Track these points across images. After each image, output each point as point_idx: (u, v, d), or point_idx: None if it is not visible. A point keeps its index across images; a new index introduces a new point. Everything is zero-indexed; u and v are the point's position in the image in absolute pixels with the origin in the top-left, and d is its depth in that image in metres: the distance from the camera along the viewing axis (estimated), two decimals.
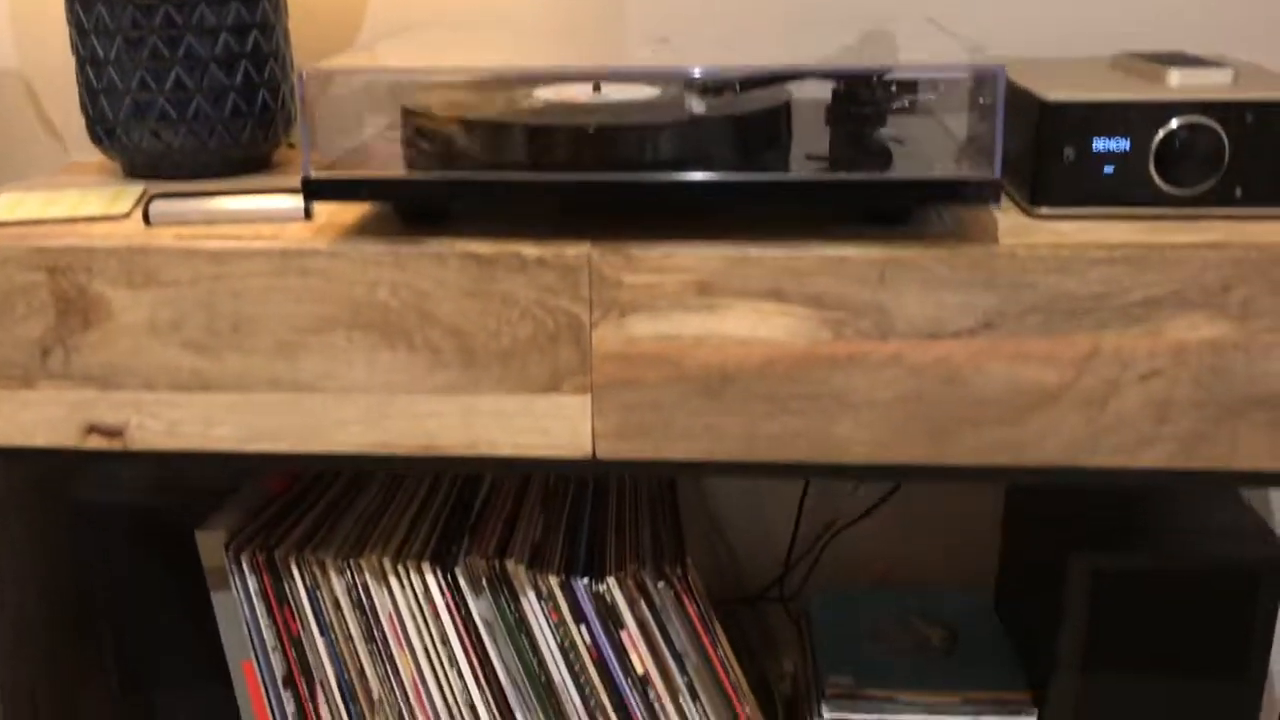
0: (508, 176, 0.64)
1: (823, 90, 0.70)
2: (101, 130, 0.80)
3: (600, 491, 0.92)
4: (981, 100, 0.65)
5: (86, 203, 0.73)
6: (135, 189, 0.77)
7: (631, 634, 0.79)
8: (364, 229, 0.67)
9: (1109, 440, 0.65)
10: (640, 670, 0.79)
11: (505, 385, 0.66)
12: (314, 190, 0.64)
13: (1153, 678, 0.84)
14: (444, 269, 0.64)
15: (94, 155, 0.91)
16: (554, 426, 0.67)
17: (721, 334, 0.64)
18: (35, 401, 0.68)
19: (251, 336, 0.66)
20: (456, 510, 0.87)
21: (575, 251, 0.64)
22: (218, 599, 0.82)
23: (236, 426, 0.68)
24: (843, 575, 1.12)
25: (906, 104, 0.67)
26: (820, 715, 0.88)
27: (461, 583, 0.79)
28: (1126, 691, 0.84)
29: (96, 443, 0.69)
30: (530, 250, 0.64)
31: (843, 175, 0.63)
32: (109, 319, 0.67)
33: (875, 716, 0.88)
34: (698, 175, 0.63)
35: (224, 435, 0.68)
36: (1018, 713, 0.87)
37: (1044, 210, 0.68)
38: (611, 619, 0.79)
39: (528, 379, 0.66)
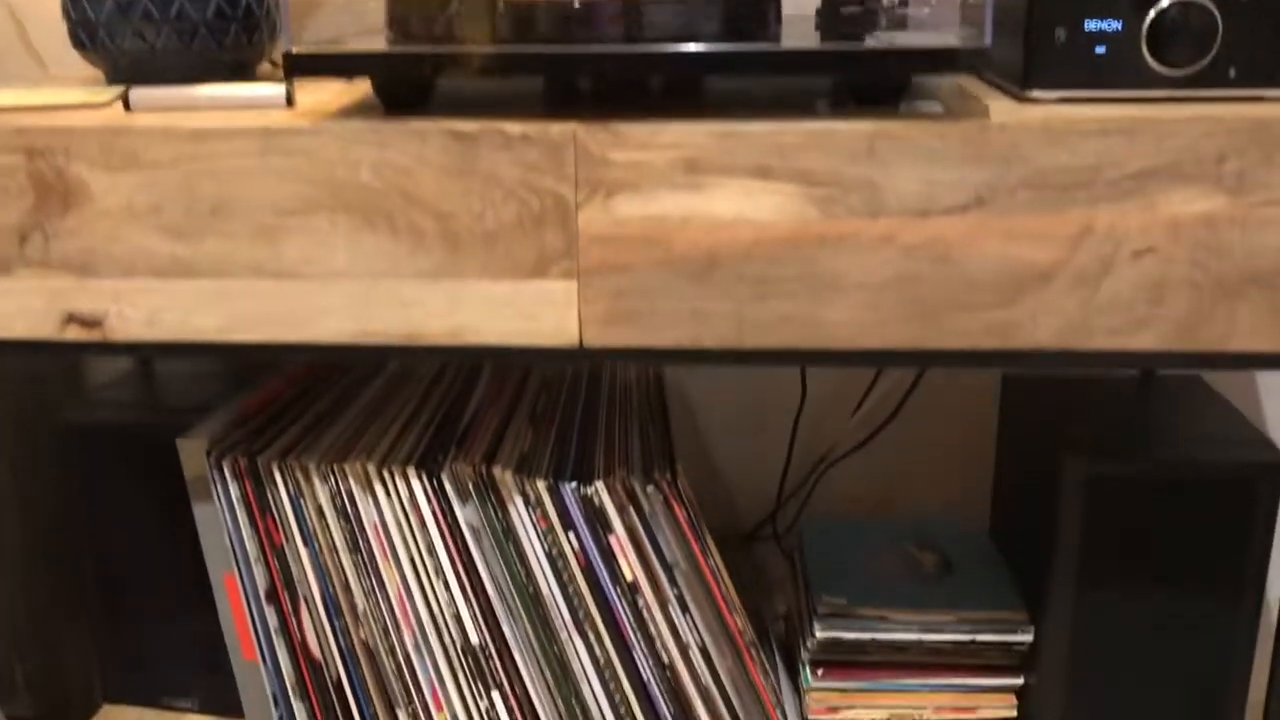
0: (491, 49, 0.63)
1: None
2: (84, 34, 0.79)
3: (589, 403, 0.91)
4: None
5: (67, 95, 0.72)
6: (117, 89, 0.76)
7: (620, 540, 0.78)
8: (346, 115, 0.66)
9: (1103, 322, 0.64)
10: (629, 577, 0.78)
11: (490, 271, 0.65)
12: (295, 65, 0.63)
13: (1150, 589, 0.83)
14: (426, 147, 0.63)
15: (74, 72, 0.90)
16: (540, 313, 0.66)
17: (709, 214, 0.63)
18: (13, 291, 0.67)
19: (232, 220, 0.65)
20: (444, 422, 0.86)
21: (560, 128, 0.63)
22: (199, 511, 0.81)
23: (217, 315, 0.67)
24: (836, 511, 1.12)
25: None
26: (813, 634, 0.87)
27: (448, 489, 0.78)
28: (1124, 605, 0.83)
29: (75, 334, 0.68)
30: (514, 127, 0.63)
31: (832, 45, 0.62)
32: (88, 203, 0.66)
33: (868, 635, 0.87)
34: (685, 47, 0.62)
35: (204, 325, 0.67)
36: (1014, 630, 0.86)
37: (1036, 94, 0.67)
38: (600, 523, 0.78)
39: (513, 264, 0.65)
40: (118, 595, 0.92)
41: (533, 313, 0.66)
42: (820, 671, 0.88)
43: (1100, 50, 0.65)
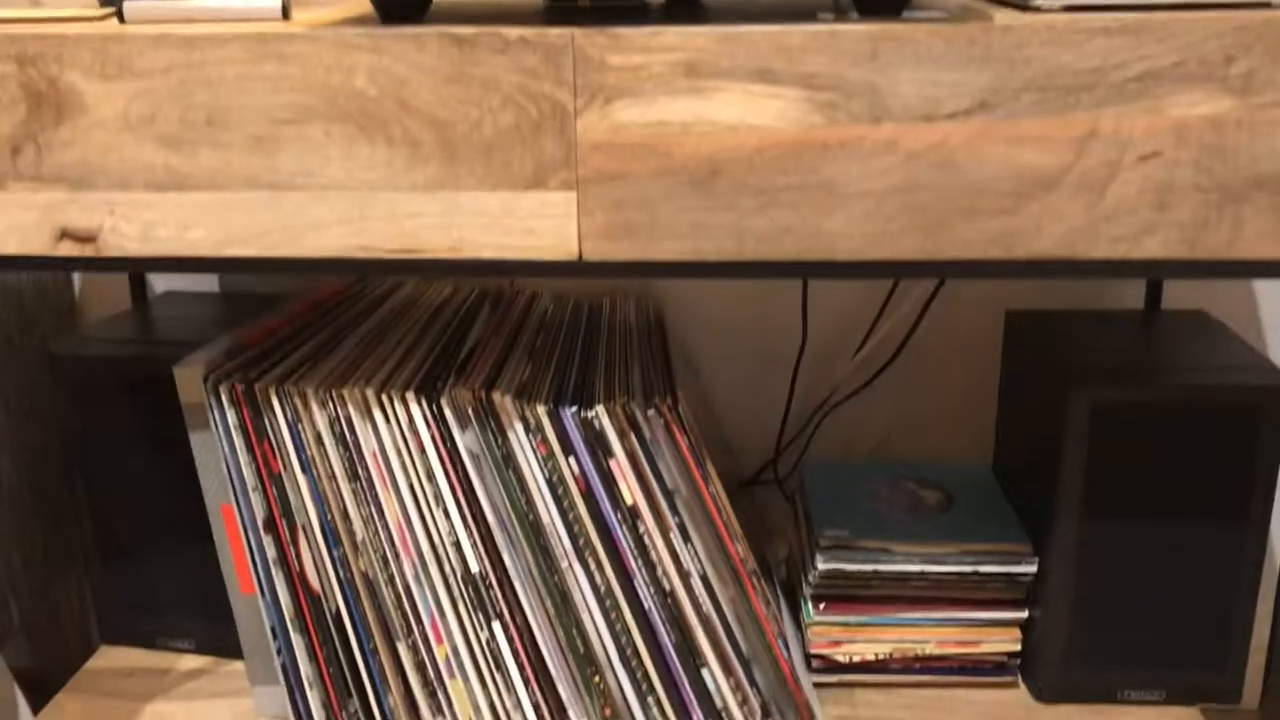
0: None
1: None
2: None
3: (589, 339, 0.90)
4: None
5: (61, 6, 0.71)
6: (111, 8, 0.75)
7: (620, 465, 0.77)
8: (342, 24, 0.66)
9: (1108, 229, 0.63)
10: (629, 502, 0.78)
11: (488, 182, 0.65)
12: None
13: (1155, 518, 0.82)
14: (422, 52, 0.62)
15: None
16: (539, 226, 0.65)
17: (710, 120, 0.62)
18: (6, 204, 0.67)
19: (227, 130, 0.64)
20: (443, 353, 0.85)
21: (559, 32, 0.62)
22: (196, 439, 0.80)
23: (212, 229, 0.66)
24: (837, 456, 1.11)
25: None
26: (815, 567, 0.86)
27: (447, 414, 0.77)
28: (1128, 535, 0.83)
29: (69, 249, 0.67)
30: (512, 31, 0.62)
31: None
32: (81, 114, 0.65)
33: (870, 567, 0.86)
34: None
35: (199, 239, 0.66)
36: (1018, 562, 0.86)
37: (1039, 2, 0.66)
38: (600, 448, 0.77)
39: (511, 174, 0.64)
40: (114, 535, 0.92)
41: (531, 225, 0.65)
42: (822, 606, 0.87)
43: None
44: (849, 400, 1.08)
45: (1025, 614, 0.87)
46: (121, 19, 0.67)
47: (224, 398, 0.78)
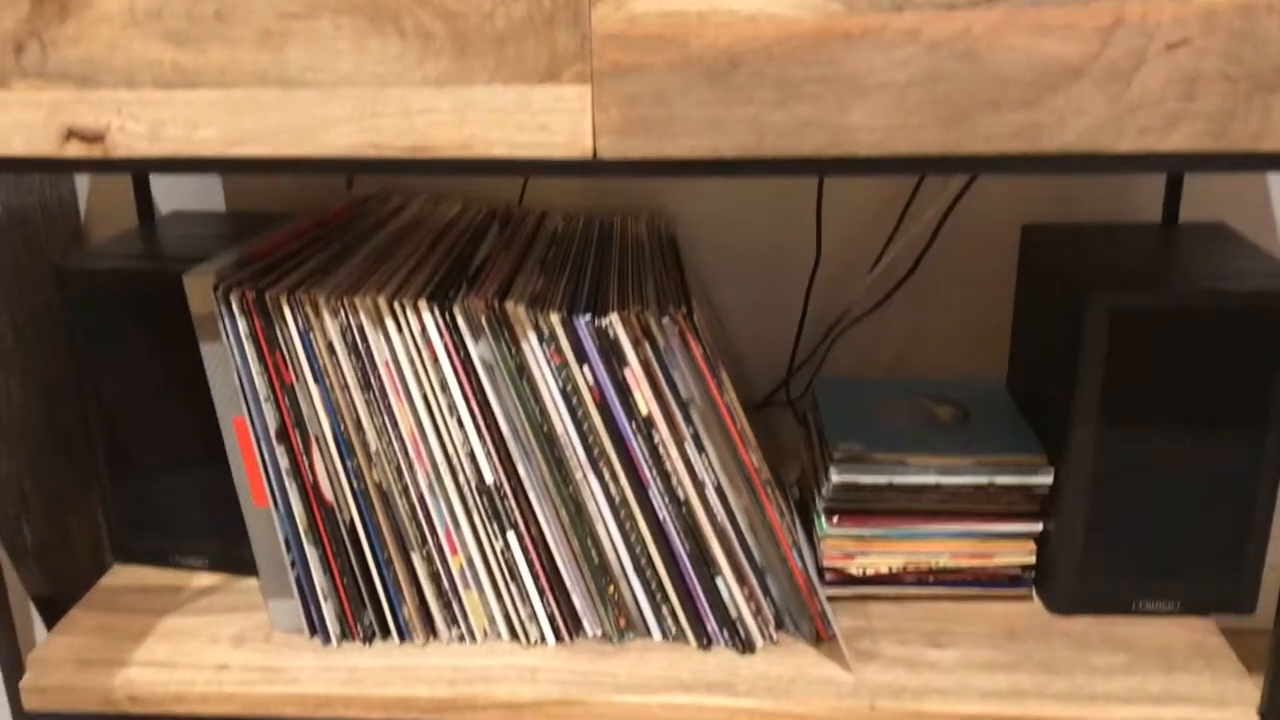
0: None
1: None
2: None
3: (601, 253, 0.90)
4: None
5: None
6: None
7: (635, 373, 0.77)
8: None
9: (1133, 121, 0.62)
10: (644, 411, 0.77)
11: (500, 75, 0.63)
12: None
13: (1171, 429, 0.82)
14: None
15: None
16: (553, 122, 0.64)
17: (728, 9, 0.61)
18: (10, 104, 0.65)
19: (235, 25, 0.63)
20: (454, 266, 0.84)
21: None
22: (207, 350, 0.79)
23: (221, 127, 0.65)
24: (850, 376, 1.10)
25: None
26: (829, 480, 0.86)
27: (460, 323, 0.77)
28: (1144, 444, 0.82)
29: (76, 150, 0.66)
30: None
31: None
32: (87, 8, 0.63)
33: (884, 479, 0.86)
34: None
35: (208, 138, 0.65)
36: (1034, 473, 0.85)
37: None
38: (615, 356, 0.76)
39: (524, 68, 0.63)
40: (125, 453, 0.91)
41: (544, 121, 0.64)
42: (836, 519, 0.87)
43: None
44: (862, 320, 1.08)
45: (1040, 526, 0.87)
46: None
47: (235, 306, 0.77)
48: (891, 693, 0.79)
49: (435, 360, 0.77)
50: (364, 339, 0.77)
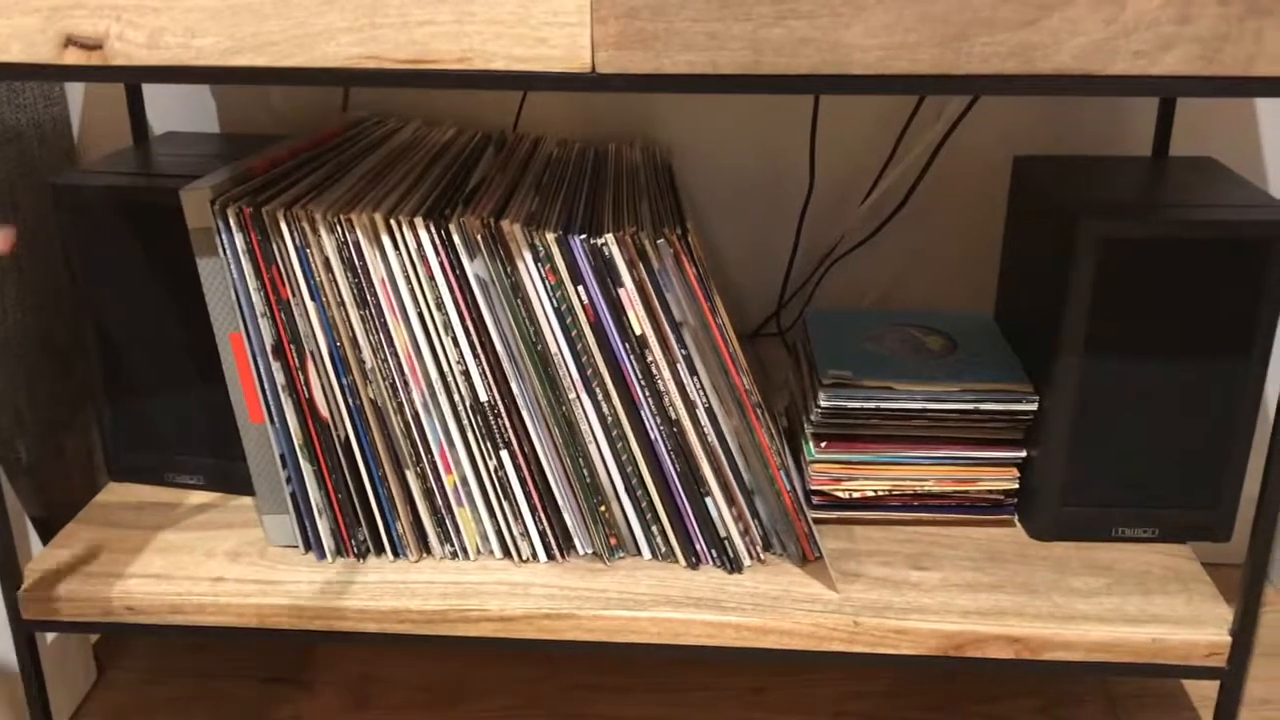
0: None
1: None
2: None
3: (596, 176, 0.90)
4: None
5: None
6: None
7: (629, 293, 0.77)
8: None
9: (1128, 43, 0.62)
10: (638, 332, 0.78)
11: None
12: None
13: (1154, 358, 0.83)
14: None
15: None
16: (552, 35, 0.64)
17: None
18: (8, 9, 0.65)
19: None
20: (450, 186, 0.85)
21: None
22: (203, 265, 0.80)
23: (220, 36, 0.65)
24: (840, 307, 1.11)
25: None
26: (817, 406, 0.87)
27: (456, 241, 0.77)
28: (1128, 373, 0.84)
29: (75, 58, 0.66)
30: None
31: None
32: None
33: (872, 404, 0.87)
34: None
35: (206, 46, 0.65)
36: (1019, 400, 0.87)
37: None
38: (609, 276, 0.77)
39: None
40: (120, 372, 0.92)
41: (543, 34, 0.65)
42: (824, 444, 0.88)
43: None
44: (853, 252, 1.08)
45: (1024, 453, 0.88)
46: None
47: (232, 221, 0.77)
48: (875, 610, 0.80)
49: (431, 278, 0.78)
50: (360, 256, 0.78)
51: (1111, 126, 1.03)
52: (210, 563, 0.86)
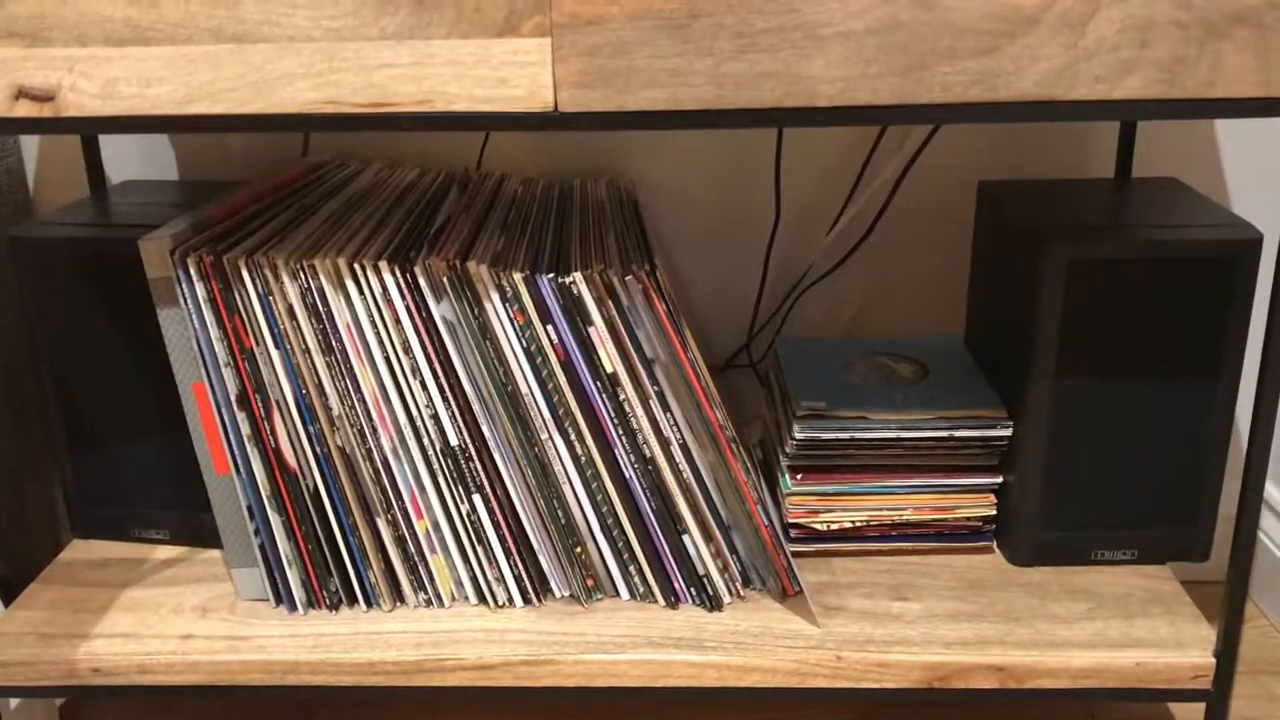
0: None
1: None
2: None
3: (562, 215, 0.89)
4: None
5: None
6: None
7: (599, 332, 0.77)
8: None
9: (1089, 68, 0.63)
10: (609, 370, 0.77)
11: (460, 28, 0.63)
12: None
13: (1126, 380, 0.83)
14: None
15: None
16: (513, 75, 0.64)
17: None
18: None
19: None
20: (414, 228, 0.84)
21: None
22: (164, 315, 0.78)
23: (175, 85, 0.64)
24: (810, 335, 1.11)
25: None
26: (792, 437, 0.86)
27: (421, 283, 0.76)
28: (1100, 396, 0.83)
29: (26, 110, 0.65)
30: None
31: None
32: None
33: (847, 435, 0.86)
34: None
35: (162, 95, 0.65)
36: (993, 426, 0.86)
37: None
38: (578, 315, 0.76)
39: (483, 20, 0.63)
40: (82, 424, 0.90)
41: (504, 75, 0.64)
42: (799, 476, 0.88)
43: None
44: (822, 281, 1.08)
45: (1000, 479, 0.88)
46: None
47: (192, 270, 0.76)
48: (857, 644, 0.80)
49: (397, 321, 0.77)
50: (324, 301, 0.77)
51: (1074, 149, 1.04)
52: (178, 619, 0.84)
